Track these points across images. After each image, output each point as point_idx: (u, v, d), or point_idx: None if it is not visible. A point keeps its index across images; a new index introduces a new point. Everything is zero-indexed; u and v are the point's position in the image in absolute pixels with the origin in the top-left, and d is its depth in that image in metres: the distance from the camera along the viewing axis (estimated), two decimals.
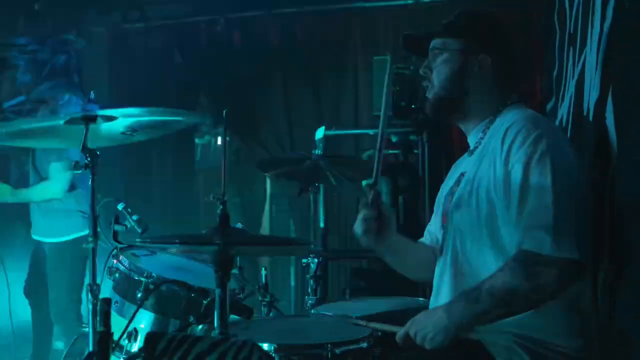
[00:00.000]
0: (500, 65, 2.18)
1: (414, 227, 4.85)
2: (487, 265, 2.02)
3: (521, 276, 1.88)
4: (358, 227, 2.25)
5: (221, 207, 1.99)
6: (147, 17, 6.70)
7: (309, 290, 3.59)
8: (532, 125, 2.00)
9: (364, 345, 2.18)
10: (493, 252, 2.03)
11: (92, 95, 2.24)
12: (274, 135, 6.45)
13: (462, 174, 2.22)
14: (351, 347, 2.15)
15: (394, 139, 5.18)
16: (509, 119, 2.10)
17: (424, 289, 4.43)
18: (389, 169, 4.92)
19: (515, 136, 1.99)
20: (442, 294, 2.20)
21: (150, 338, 1.79)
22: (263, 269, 3.75)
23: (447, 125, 5.60)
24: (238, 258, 2.78)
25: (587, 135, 2.56)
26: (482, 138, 2.18)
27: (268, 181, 6.75)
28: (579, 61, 3.13)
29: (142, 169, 6.84)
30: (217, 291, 1.95)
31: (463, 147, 5.82)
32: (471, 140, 2.26)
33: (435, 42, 2.22)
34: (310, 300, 3.52)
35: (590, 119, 2.40)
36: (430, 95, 2.23)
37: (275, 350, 2.08)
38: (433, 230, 2.44)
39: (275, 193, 6.65)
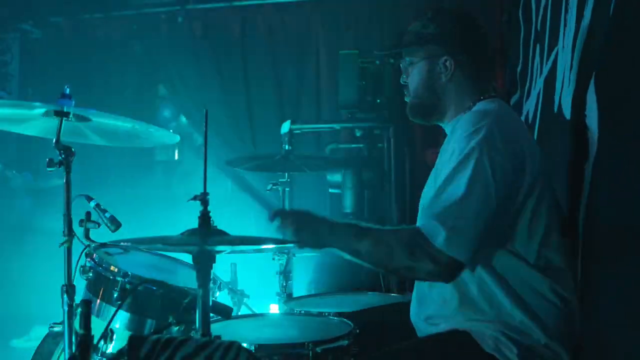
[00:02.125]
0: (469, 63, 2.20)
1: (380, 222, 4.87)
2: None
3: (404, 251, 1.96)
4: None
5: (202, 207, 1.96)
6: (106, 8, 6.58)
7: (279, 286, 3.56)
8: (479, 118, 2.05)
9: (344, 343, 2.18)
10: None
11: (67, 89, 2.17)
12: (234, 128, 6.39)
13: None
14: (331, 345, 2.15)
15: (358, 133, 5.17)
16: (471, 112, 2.16)
17: (388, 283, 4.48)
18: (354, 163, 4.92)
19: (462, 128, 2.05)
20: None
21: (133, 341, 1.75)
22: (231, 265, 3.71)
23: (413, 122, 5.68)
24: None
25: (558, 131, 2.60)
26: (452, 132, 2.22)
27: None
28: (548, 59, 3.17)
29: (100, 160, 6.70)
30: (199, 292, 1.91)
31: (425, 142, 5.87)
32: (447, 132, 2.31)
33: (405, 52, 2.27)
34: (279, 297, 3.49)
35: (568, 117, 2.42)
36: (408, 103, 2.29)
37: (256, 350, 2.07)
38: None
39: (237, 187, 6.61)
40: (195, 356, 1.72)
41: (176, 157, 7.58)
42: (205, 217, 1.94)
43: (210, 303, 2.00)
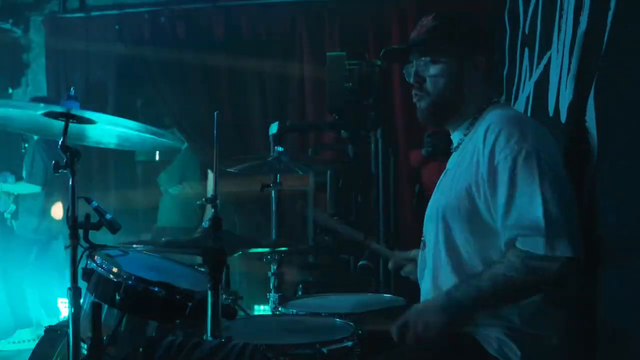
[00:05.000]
0: (487, 64, 2.23)
1: (366, 223, 4.91)
2: (469, 253, 2.09)
3: (523, 271, 1.92)
4: None
5: (213, 209, 1.97)
6: (87, 7, 6.54)
7: (271, 287, 3.57)
8: (516, 124, 2.04)
9: (349, 343, 2.21)
10: (476, 241, 2.08)
11: (72, 91, 2.16)
12: (219, 129, 6.37)
13: (447, 170, 2.28)
14: (337, 346, 2.17)
15: (344, 134, 5.21)
16: (490, 118, 2.13)
17: (377, 282, 4.52)
18: (340, 164, 4.93)
19: (498, 135, 2.02)
20: (424, 284, 2.28)
21: (148, 343, 1.76)
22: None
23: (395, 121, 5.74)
24: None
25: (555, 135, 2.63)
26: (465, 135, 2.22)
27: (211, 176, 6.68)
28: (539, 62, 3.21)
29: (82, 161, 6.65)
30: (210, 293, 1.92)
31: (409, 143, 5.88)
32: (455, 138, 2.30)
33: (424, 51, 2.21)
34: (272, 298, 3.50)
35: (563, 120, 2.46)
36: (425, 103, 2.23)
37: (263, 351, 2.08)
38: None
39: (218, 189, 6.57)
40: (211, 358, 1.73)
41: (157, 157, 7.55)
42: (216, 219, 1.95)
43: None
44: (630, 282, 1.75)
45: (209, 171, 6.42)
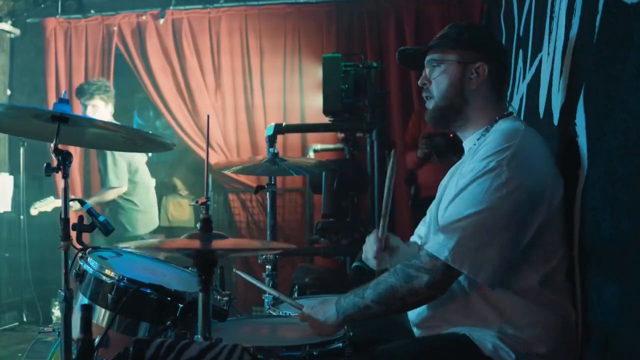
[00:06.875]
0: (496, 73, 2.27)
1: (363, 225, 4.92)
2: None
3: (400, 278, 2.04)
4: (368, 253, 2.36)
5: (204, 210, 1.98)
6: (84, 9, 6.55)
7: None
8: (505, 138, 2.06)
9: (340, 345, 2.21)
10: None
11: (65, 94, 2.18)
12: (218, 131, 6.40)
13: (442, 182, 2.33)
14: (327, 347, 2.17)
15: (340, 136, 5.22)
16: (496, 130, 2.17)
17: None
18: (336, 165, 4.95)
19: (485, 147, 2.07)
20: None
21: (137, 345, 1.76)
22: (218, 267, 3.72)
23: (389, 123, 5.75)
24: None
25: (546, 137, 2.64)
26: (475, 145, 2.24)
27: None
28: (531, 64, 3.22)
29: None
30: (200, 295, 1.92)
31: (405, 145, 5.88)
32: (466, 147, 2.33)
33: (432, 55, 2.30)
34: (267, 299, 3.50)
35: (556, 123, 2.48)
36: (430, 105, 2.31)
37: (253, 353, 2.08)
38: (422, 233, 2.54)
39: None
40: (200, 359, 1.74)
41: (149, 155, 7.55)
42: (206, 220, 1.95)
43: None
44: (623, 286, 1.75)
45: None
